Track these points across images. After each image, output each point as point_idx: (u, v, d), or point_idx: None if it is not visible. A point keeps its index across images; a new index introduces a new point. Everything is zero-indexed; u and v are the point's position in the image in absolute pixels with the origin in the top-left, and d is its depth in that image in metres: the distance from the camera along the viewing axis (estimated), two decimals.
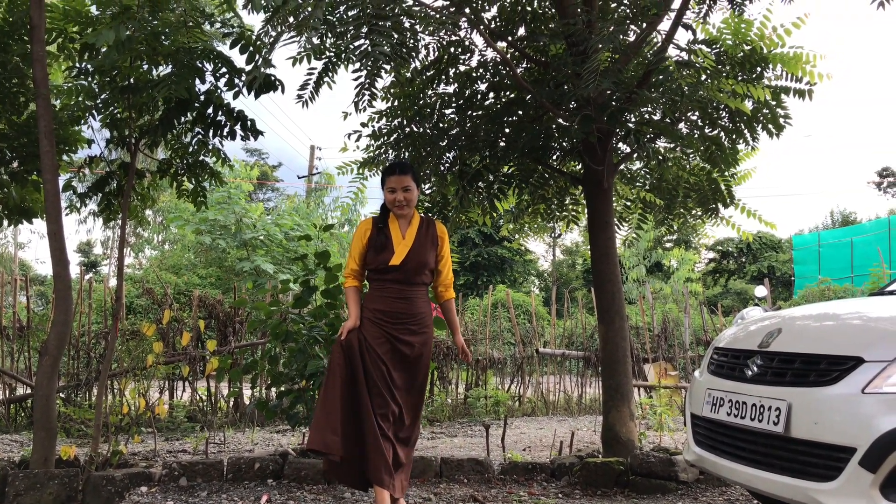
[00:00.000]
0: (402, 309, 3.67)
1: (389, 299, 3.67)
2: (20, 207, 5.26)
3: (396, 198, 3.72)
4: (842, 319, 3.26)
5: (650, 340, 9.82)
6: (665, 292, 22.41)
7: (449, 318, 4.00)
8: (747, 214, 6.12)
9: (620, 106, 4.61)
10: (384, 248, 3.70)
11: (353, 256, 3.80)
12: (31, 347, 7.34)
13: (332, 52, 4.86)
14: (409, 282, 3.70)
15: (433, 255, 3.79)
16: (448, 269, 3.89)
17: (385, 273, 3.69)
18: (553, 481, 4.68)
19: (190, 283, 16.29)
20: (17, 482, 3.98)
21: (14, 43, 4.71)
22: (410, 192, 3.75)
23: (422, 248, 3.74)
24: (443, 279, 3.89)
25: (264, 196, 37.76)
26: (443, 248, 3.86)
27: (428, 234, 3.80)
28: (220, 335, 7.62)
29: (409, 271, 3.68)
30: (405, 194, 3.74)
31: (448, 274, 3.89)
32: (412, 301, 3.69)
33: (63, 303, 4.26)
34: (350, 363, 3.58)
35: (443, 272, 3.87)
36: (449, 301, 3.94)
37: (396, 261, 3.67)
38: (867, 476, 2.48)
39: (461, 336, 4.05)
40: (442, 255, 3.85)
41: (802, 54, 5.00)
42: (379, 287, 3.73)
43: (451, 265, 3.92)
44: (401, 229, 3.77)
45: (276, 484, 4.46)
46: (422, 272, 3.73)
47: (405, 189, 3.73)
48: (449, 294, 3.92)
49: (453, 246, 21.80)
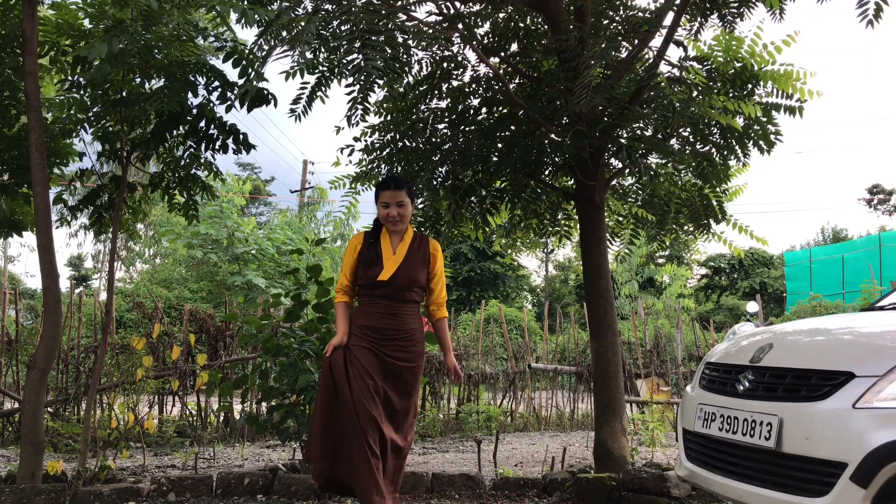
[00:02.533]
0: (389, 325, 3.61)
1: (377, 315, 3.62)
2: (10, 220, 5.24)
3: (390, 213, 3.67)
4: (833, 335, 3.27)
5: (642, 356, 9.82)
6: (657, 308, 22.44)
7: (441, 337, 3.92)
8: (739, 230, 6.14)
9: (612, 121, 4.63)
10: (374, 264, 3.65)
11: (344, 272, 3.75)
12: (19, 361, 7.27)
13: (325, 66, 4.88)
14: (398, 298, 3.64)
15: (424, 271, 3.72)
16: (441, 287, 3.82)
17: (374, 289, 3.64)
18: (545, 497, 4.65)
19: (181, 297, 16.22)
20: (4, 497, 3.93)
21: (6, 55, 4.71)
22: (405, 207, 3.70)
23: (412, 264, 3.68)
24: (435, 297, 3.81)
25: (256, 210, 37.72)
26: (435, 266, 3.79)
27: (420, 250, 3.74)
28: (211, 349, 7.57)
29: (398, 288, 3.63)
30: (399, 209, 3.69)
31: (441, 292, 3.82)
32: (400, 317, 3.64)
33: (52, 316, 4.23)
34: (336, 382, 3.53)
35: (435, 290, 3.80)
36: (441, 321, 3.87)
37: (385, 276, 3.62)
38: (859, 491, 2.48)
39: (453, 356, 3.97)
40: (434, 272, 3.78)
41: (793, 71, 5.05)
42: (368, 303, 3.67)
43: (444, 283, 3.84)
44: (392, 245, 3.72)
45: (265, 499, 4.42)
46: (411, 289, 3.67)
47: (399, 204, 3.69)
48: (441, 313, 3.85)
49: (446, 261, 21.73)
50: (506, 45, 5.38)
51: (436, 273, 3.78)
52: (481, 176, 5.37)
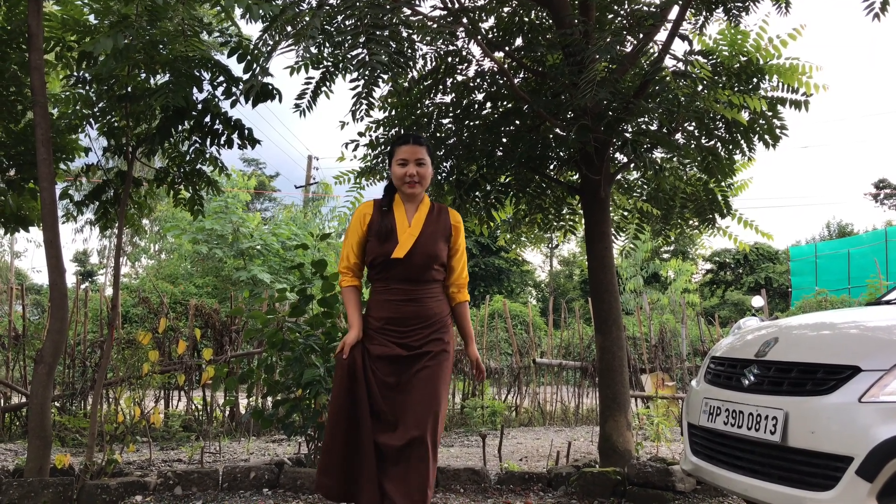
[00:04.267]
0: (412, 313, 3.10)
1: (396, 303, 3.11)
2: (17, 216, 5.26)
3: (408, 172, 3.14)
4: (838, 329, 3.26)
5: (647, 351, 9.81)
6: (662, 303, 22.42)
7: (461, 324, 3.36)
8: (744, 225, 6.13)
9: (617, 116, 4.62)
10: (388, 237, 3.12)
11: (351, 247, 3.21)
12: (26, 356, 7.31)
13: (330, 61, 4.88)
14: (417, 279, 3.12)
15: (445, 247, 3.20)
16: (462, 265, 3.29)
17: (387, 269, 3.12)
18: (550, 491, 4.66)
19: (186, 292, 16.27)
20: (12, 491, 3.95)
21: (12, 51, 4.72)
22: (424, 167, 3.19)
23: (431, 237, 3.16)
24: (455, 277, 3.28)
25: (262, 206, 37.79)
26: (457, 240, 3.26)
27: (439, 221, 3.22)
28: (217, 344, 7.60)
29: (417, 267, 3.11)
30: (419, 169, 3.16)
31: (462, 271, 3.29)
32: (423, 302, 3.13)
33: (59, 311, 4.25)
34: (353, 387, 3.07)
35: (456, 269, 3.27)
36: (462, 305, 3.32)
37: (400, 253, 3.08)
38: (864, 485, 2.48)
39: (475, 347, 3.43)
40: (456, 248, 3.26)
41: (798, 65, 5.03)
42: (383, 289, 3.15)
43: (465, 260, 3.33)
44: (407, 215, 3.19)
45: (271, 493, 4.44)
46: (430, 267, 3.14)
47: (419, 162, 3.16)
48: (462, 296, 3.30)
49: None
50: (510, 39, 5.37)
51: (457, 249, 3.27)
52: (486, 171, 5.37)
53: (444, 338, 3.14)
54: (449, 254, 3.23)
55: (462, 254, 3.29)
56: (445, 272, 3.25)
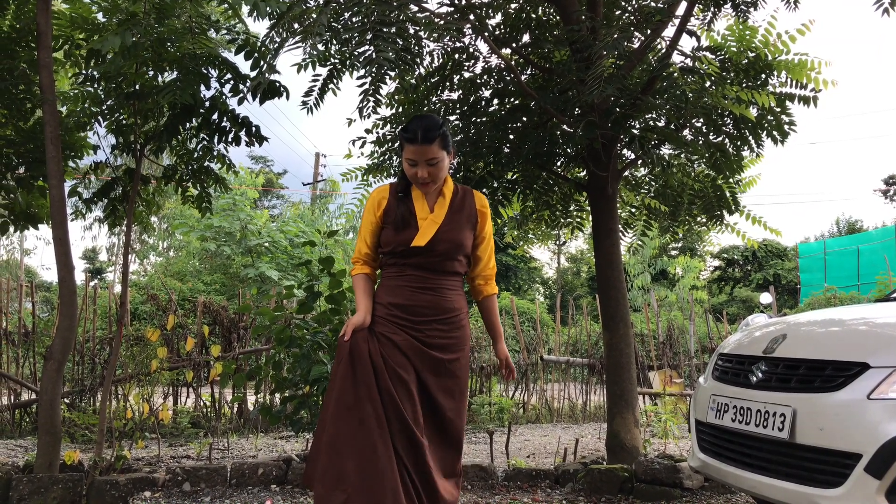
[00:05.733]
0: (425, 303, 2.79)
1: (408, 290, 2.80)
2: (26, 213, 5.29)
3: (419, 174, 2.79)
4: (847, 325, 3.25)
5: (655, 348, 9.79)
6: (670, 300, 22.37)
7: (490, 320, 3.08)
8: (752, 221, 6.11)
9: (625, 112, 4.61)
10: (407, 225, 2.82)
11: (363, 236, 2.94)
12: (35, 353, 7.35)
13: (337, 58, 4.89)
14: (438, 269, 2.83)
15: (470, 235, 2.90)
16: (489, 254, 3.00)
17: (406, 257, 2.82)
18: (557, 488, 4.66)
19: (195, 289, 16.33)
20: (22, 486, 3.98)
21: (21, 49, 4.74)
22: (437, 165, 2.80)
23: (455, 225, 2.86)
24: (482, 268, 3.00)
25: (269, 203, 37.88)
26: (483, 227, 2.97)
27: (464, 207, 2.92)
28: (225, 341, 7.62)
29: (439, 256, 2.81)
30: (430, 169, 2.79)
31: (489, 261, 3.00)
32: (440, 293, 2.82)
33: (68, 308, 4.27)
34: (357, 375, 2.68)
35: (482, 259, 2.98)
36: (490, 298, 3.04)
37: (421, 241, 2.78)
38: (873, 482, 2.47)
39: (504, 345, 3.10)
40: (482, 236, 2.96)
41: (807, 61, 5.00)
42: (396, 274, 2.85)
43: (492, 249, 3.03)
44: (428, 201, 2.89)
45: (279, 489, 4.45)
46: (454, 257, 2.85)
47: (430, 162, 2.78)
48: (490, 288, 3.03)
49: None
50: (517, 36, 5.37)
51: (484, 237, 2.97)
52: (493, 167, 5.37)
53: (463, 344, 2.86)
54: (475, 242, 2.94)
55: (489, 242, 2.99)
56: (468, 263, 2.97)
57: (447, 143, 2.82)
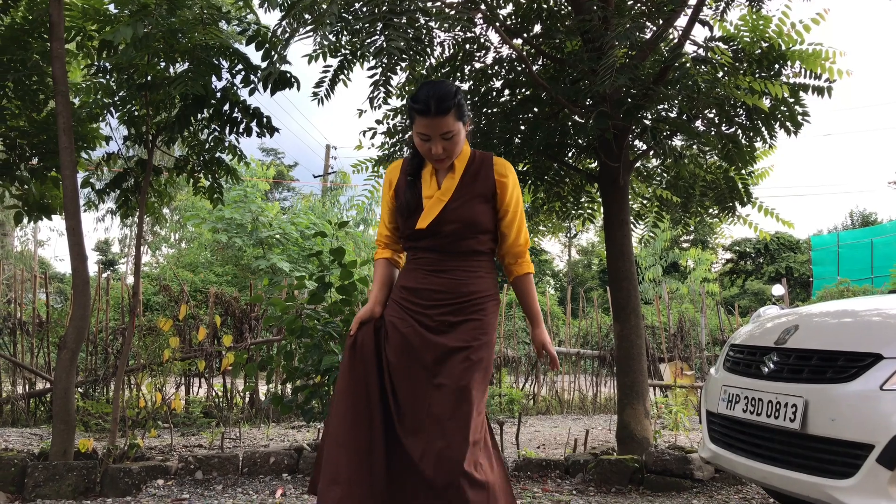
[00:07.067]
0: (438, 286, 2.52)
1: (420, 272, 2.56)
2: (40, 204, 5.33)
3: (433, 151, 2.50)
4: (860, 316, 3.23)
5: (666, 340, 9.77)
6: (682, 292, 22.29)
7: (524, 303, 2.69)
8: (765, 213, 6.07)
9: (637, 103, 4.59)
10: (414, 209, 2.57)
11: (383, 217, 2.73)
12: (50, 343, 7.42)
13: (348, 49, 4.89)
14: (451, 251, 2.54)
15: (487, 209, 2.55)
16: (517, 229, 2.60)
17: (416, 240, 2.59)
18: (567, 478, 4.67)
19: (206, 280, 16.42)
20: (37, 473, 4.03)
21: (34, 41, 4.77)
22: (453, 139, 2.49)
23: (466, 200, 2.53)
24: (509, 246, 2.62)
25: (280, 195, 37.98)
26: (504, 198, 2.57)
27: (478, 178, 2.57)
28: (236, 332, 7.66)
29: (448, 237, 2.52)
30: (445, 144, 2.49)
31: (517, 237, 2.61)
32: (455, 275, 2.52)
33: (81, 297, 4.31)
34: (355, 371, 2.51)
35: (508, 235, 2.60)
36: (521, 279, 2.65)
37: (423, 224, 2.52)
38: (885, 473, 2.46)
39: (544, 330, 2.70)
40: (506, 207, 2.57)
41: (822, 51, 4.96)
42: (412, 257, 2.64)
43: (522, 222, 2.62)
44: (437, 176, 2.60)
45: (291, 478, 4.48)
46: (467, 236, 2.52)
47: (446, 137, 2.48)
48: (520, 267, 2.64)
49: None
50: (529, 26, 5.35)
51: (508, 208, 2.57)
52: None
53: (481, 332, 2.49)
54: (498, 216, 2.59)
55: (515, 214, 2.59)
56: (494, 241, 2.62)
57: (463, 112, 2.51)
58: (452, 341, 2.45)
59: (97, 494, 4.10)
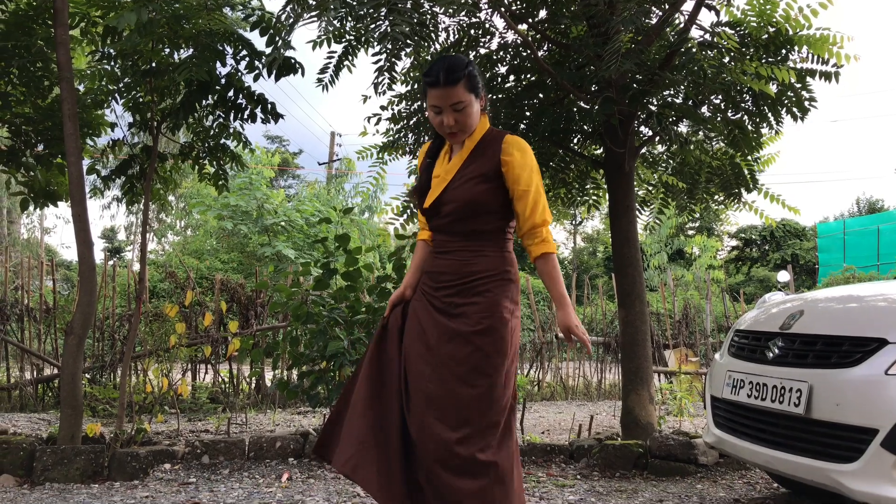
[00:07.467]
0: (444, 268, 2.50)
1: (434, 255, 2.57)
2: (45, 190, 5.34)
3: (445, 122, 2.45)
4: (866, 301, 3.23)
5: (671, 327, 9.78)
6: (687, 279, 22.27)
7: (546, 284, 2.52)
8: (770, 199, 6.05)
9: (642, 88, 4.57)
10: (425, 189, 2.59)
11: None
12: (57, 329, 7.46)
13: (352, 35, 4.87)
14: (456, 231, 2.50)
15: (490, 188, 2.46)
16: (531, 207, 2.45)
17: (428, 220, 2.59)
18: (572, 463, 4.68)
19: (212, 267, 16.46)
20: (45, 457, 4.06)
21: (38, 27, 4.77)
22: (464, 111, 2.44)
23: (467, 180, 2.47)
24: (521, 224, 2.49)
25: (285, 183, 37.98)
26: (511, 175, 2.45)
27: (484, 156, 2.49)
28: (242, 318, 7.69)
29: (448, 217, 2.49)
30: (457, 116, 2.44)
31: (531, 215, 2.45)
32: (460, 256, 2.48)
33: (87, 283, 4.32)
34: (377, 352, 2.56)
35: (521, 214, 2.47)
36: (540, 259, 2.49)
37: (427, 203, 2.54)
38: (889, 457, 2.47)
39: (570, 311, 2.47)
40: (516, 187, 2.45)
41: (829, 36, 4.92)
42: (431, 239, 2.65)
43: (536, 199, 2.46)
44: (451, 154, 2.59)
45: (296, 462, 4.51)
46: (469, 217, 2.47)
47: (456, 107, 2.42)
48: (538, 247, 2.48)
49: None
50: (534, 11, 5.31)
51: (515, 186, 2.45)
52: None
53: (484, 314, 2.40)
54: (503, 196, 2.48)
55: (525, 193, 2.44)
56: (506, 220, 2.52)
57: (475, 84, 2.45)
58: (456, 324, 2.41)
59: (105, 478, 4.14)
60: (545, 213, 2.47)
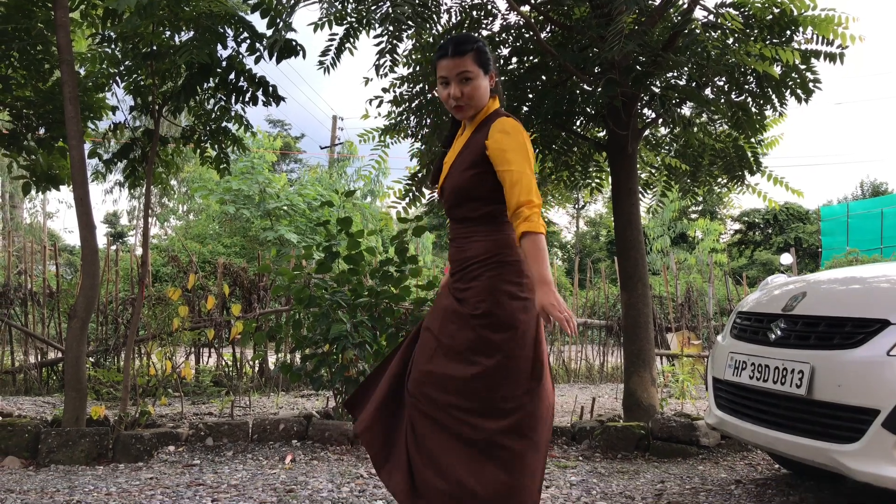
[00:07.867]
0: (451, 255, 2.52)
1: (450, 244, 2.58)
2: (47, 174, 5.34)
3: (451, 94, 2.40)
4: (868, 283, 3.23)
5: (673, 310, 9.78)
6: (689, 263, 22.25)
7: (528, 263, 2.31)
8: (774, 182, 6.03)
9: (645, 70, 4.54)
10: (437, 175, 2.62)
11: None
12: (60, 313, 7.48)
13: (354, 17, 4.84)
14: (456, 218, 2.50)
15: (476, 173, 2.39)
16: (509, 186, 2.31)
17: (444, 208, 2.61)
18: (574, 445, 4.71)
19: (215, 251, 16.47)
20: (50, 439, 4.09)
21: (38, 9, 4.74)
22: (471, 82, 2.39)
23: (460, 165, 2.44)
24: (507, 205, 2.34)
25: (287, 167, 37.93)
26: (493, 157, 2.35)
27: (475, 142, 2.42)
28: (245, 302, 7.71)
29: (447, 204, 2.52)
30: (463, 87, 2.39)
31: (511, 195, 2.30)
32: (458, 242, 2.48)
33: (90, 267, 4.33)
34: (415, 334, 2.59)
35: (506, 195, 2.34)
36: (524, 237, 2.26)
37: (437, 191, 2.58)
38: (890, 437, 2.47)
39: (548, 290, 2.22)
40: (500, 168, 2.34)
41: (834, 16, 4.87)
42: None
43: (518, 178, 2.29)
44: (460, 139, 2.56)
45: (300, 444, 4.54)
46: (460, 203, 2.44)
47: (463, 78, 2.39)
48: (521, 227, 2.27)
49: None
50: None
51: (499, 166, 2.34)
52: None
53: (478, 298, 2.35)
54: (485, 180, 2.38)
55: (506, 170, 2.32)
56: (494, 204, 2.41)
57: (484, 59, 2.41)
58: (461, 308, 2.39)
59: (109, 460, 4.17)
60: (530, 194, 2.29)
